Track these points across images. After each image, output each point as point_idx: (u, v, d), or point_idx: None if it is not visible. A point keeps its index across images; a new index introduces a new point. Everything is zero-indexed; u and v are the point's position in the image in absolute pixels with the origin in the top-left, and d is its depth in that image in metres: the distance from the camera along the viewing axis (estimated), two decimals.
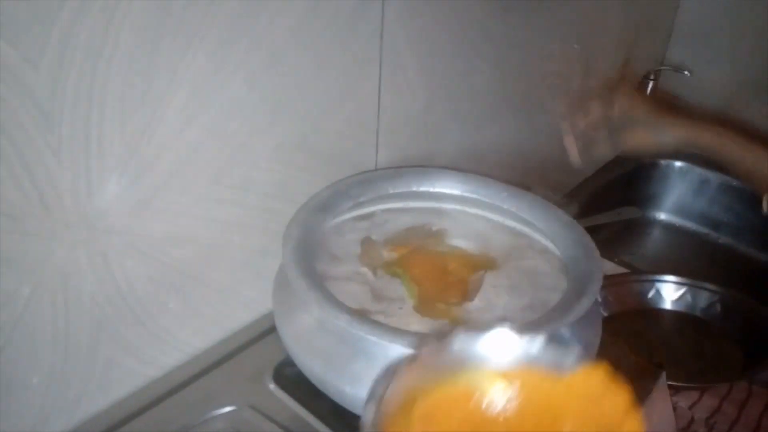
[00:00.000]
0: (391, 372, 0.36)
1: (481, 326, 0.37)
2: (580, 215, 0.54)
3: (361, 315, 0.44)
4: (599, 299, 0.78)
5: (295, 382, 0.53)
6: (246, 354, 0.58)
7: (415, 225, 0.59)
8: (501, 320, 0.40)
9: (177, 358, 0.56)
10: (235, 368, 0.56)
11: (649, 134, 0.71)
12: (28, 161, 0.41)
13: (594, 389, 0.37)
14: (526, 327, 0.44)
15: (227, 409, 0.52)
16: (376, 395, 0.34)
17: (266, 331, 0.60)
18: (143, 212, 0.49)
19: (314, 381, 0.47)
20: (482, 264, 0.54)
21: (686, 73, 1.07)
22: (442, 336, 0.37)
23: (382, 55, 0.61)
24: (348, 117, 0.61)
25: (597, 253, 0.51)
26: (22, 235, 0.42)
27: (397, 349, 0.43)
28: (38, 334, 0.46)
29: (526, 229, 0.57)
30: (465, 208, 0.61)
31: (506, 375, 0.37)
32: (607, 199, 1.09)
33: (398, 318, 0.48)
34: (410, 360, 0.36)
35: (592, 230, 0.54)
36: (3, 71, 0.37)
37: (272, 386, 0.54)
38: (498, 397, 0.37)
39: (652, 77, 1.08)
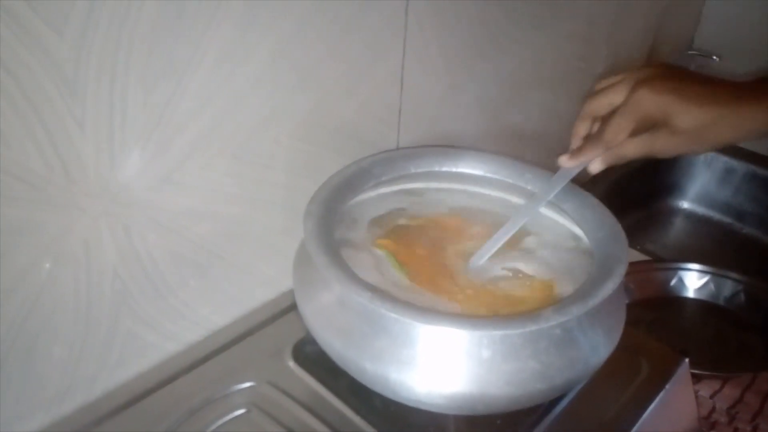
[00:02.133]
0: None
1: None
2: (604, 204, 0.53)
3: (383, 292, 0.44)
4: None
5: (315, 360, 0.53)
6: (266, 331, 0.58)
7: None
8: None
9: (197, 334, 0.57)
10: (255, 345, 0.56)
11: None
12: (52, 130, 0.40)
13: None
14: (549, 309, 0.43)
15: (246, 384, 0.52)
16: None
17: (286, 308, 0.60)
18: (165, 186, 0.48)
19: (334, 358, 0.47)
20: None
21: (715, 58, 1.05)
22: None
23: (407, 33, 0.60)
24: (370, 96, 0.60)
25: (623, 235, 0.50)
26: (44, 206, 0.42)
27: (418, 327, 0.43)
28: (60, 306, 0.46)
29: (549, 211, 0.56)
30: (487, 191, 0.60)
31: None
32: (630, 187, 1.08)
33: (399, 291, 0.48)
34: None
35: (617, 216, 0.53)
36: (28, 39, 0.37)
37: (291, 363, 0.54)
38: None
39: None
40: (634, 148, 0.50)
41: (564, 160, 0.53)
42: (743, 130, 0.47)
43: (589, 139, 0.53)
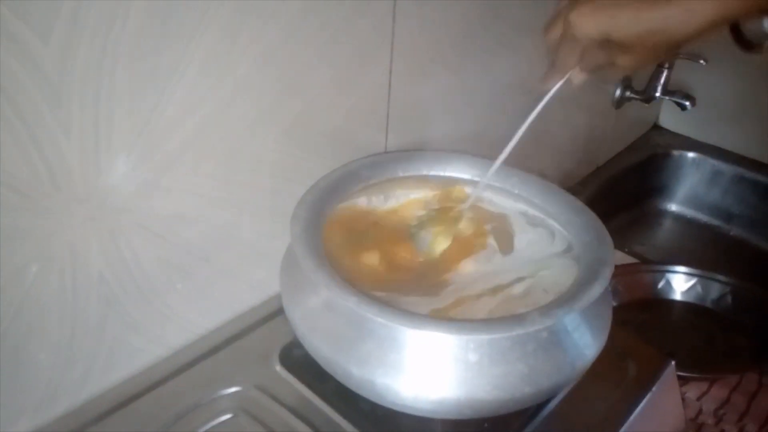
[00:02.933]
0: None
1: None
2: (592, 206, 0.54)
3: (369, 296, 0.44)
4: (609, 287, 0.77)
5: (302, 364, 0.53)
6: (253, 335, 0.58)
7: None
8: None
9: (184, 338, 0.56)
10: (242, 349, 0.56)
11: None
12: (38, 137, 0.40)
13: None
14: (536, 312, 0.43)
15: (233, 389, 0.52)
16: None
17: (273, 313, 0.60)
18: (152, 191, 0.48)
19: (321, 362, 0.47)
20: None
21: (702, 62, 1.06)
22: None
23: (394, 38, 0.60)
24: (358, 100, 0.60)
25: (609, 238, 0.50)
26: (30, 211, 0.42)
27: (405, 331, 0.43)
28: (46, 310, 0.46)
29: (537, 214, 0.57)
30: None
31: None
32: (619, 189, 1.09)
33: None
34: None
35: (602, 220, 0.53)
36: (13, 45, 0.37)
37: (278, 368, 0.54)
38: None
39: (666, 66, 1.06)
40: (599, 59, 0.50)
41: (542, 82, 0.56)
42: (693, 25, 0.44)
43: (552, 63, 0.54)
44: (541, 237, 0.55)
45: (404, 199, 0.59)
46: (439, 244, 0.54)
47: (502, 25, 0.73)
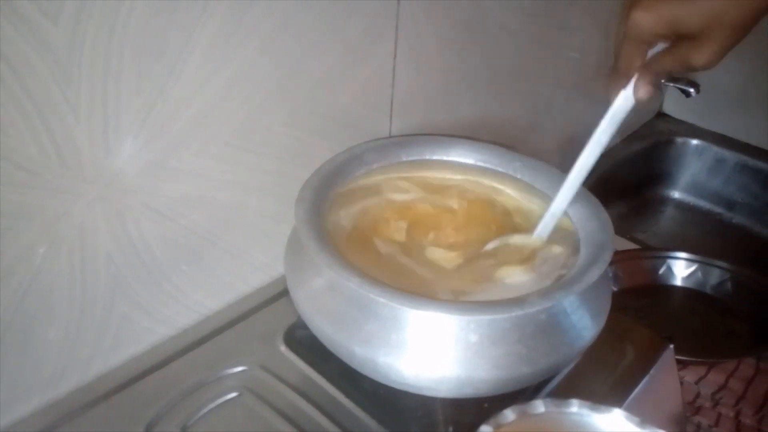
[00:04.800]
0: None
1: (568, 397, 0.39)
2: (595, 193, 0.54)
3: (372, 278, 0.45)
4: (610, 272, 0.78)
5: (306, 344, 0.54)
6: (258, 316, 0.59)
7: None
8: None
9: (190, 318, 0.57)
10: (247, 330, 0.57)
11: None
12: (47, 116, 0.41)
13: None
14: (535, 295, 0.44)
15: (238, 368, 0.53)
16: None
17: (278, 294, 0.60)
18: (159, 172, 0.49)
19: (325, 342, 0.48)
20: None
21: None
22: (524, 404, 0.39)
23: (399, 21, 0.60)
24: (362, 84, 0.61)
25: (609, 222, 0.51)
26: (39, 191, 0.43)
27: (407, 312, 0.44)
28: (55, 289, 0.47)
29: (538, 200, 0.57)
30: (478, 179, 0.60)
31: None
32: (622, 176, 1.09)
33: None
34: (494, 427, 0.38)
35: (605, 207, 0.54)
36: (22, 26, 0.38)
37: (283, 348, 0.55)
38: None
39: None
40: (668, 64, 0.47)
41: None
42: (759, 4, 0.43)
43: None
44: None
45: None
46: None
47: (507, 11, 0.73)
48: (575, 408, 0.40)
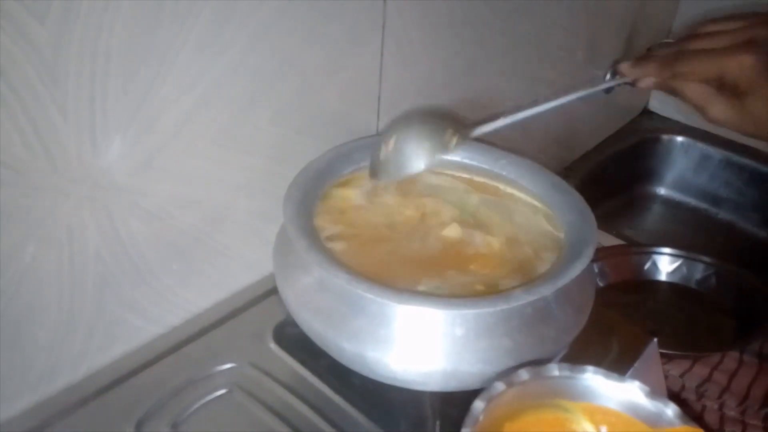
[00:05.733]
0: (488, 397, 0.39)
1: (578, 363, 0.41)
2: (581, 191, 0.55)
3: (360, 274, 0.45)
4: (595, 268, 0.79)
5: (295, 341, 0.54)
6: (247, 314, 0.59)
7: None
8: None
9: (180, 317, 0.58)
10: (237, 327, 0.58)
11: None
12: (34, 116, 0.41)
13: None
14: (520, 289, 0.45)
15: (228, 365, 0.53)
16: (472, 419, 0.37)
17: (267, 292, 0.61)
18: (147, 171, 0.49)
19: (314, 338, 0.48)
20: None
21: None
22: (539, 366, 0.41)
23: (386, 19, 0.61)
24: (350, 82, 0.61)
25: (592, 217, 0.52)
26: (27, 190, 0.43)
27: (394, 307, 0.44)
28: (43, 289, 0.47)
29: (523, 196, 0.58)
30: (462, 175, 0.61)
31: (599, 412, 0.40)
32: (608, 174, 1.10)
33: None
34: (507, 385, 0.39)
35: (591, 205, 0.55)
36: (9, 25, 0.38)
37: (272, 345, 0.55)
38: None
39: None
40: (693, 96, 0.47)
41: (624, 67, 0.51)
42: None
43: (658, 58, 0.49)
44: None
45: None
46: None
47: (495, 10, 0.74)
48: (589, 374, 0.41)
